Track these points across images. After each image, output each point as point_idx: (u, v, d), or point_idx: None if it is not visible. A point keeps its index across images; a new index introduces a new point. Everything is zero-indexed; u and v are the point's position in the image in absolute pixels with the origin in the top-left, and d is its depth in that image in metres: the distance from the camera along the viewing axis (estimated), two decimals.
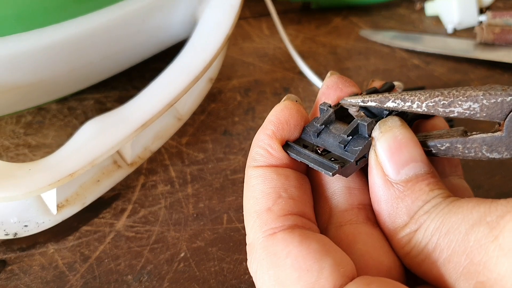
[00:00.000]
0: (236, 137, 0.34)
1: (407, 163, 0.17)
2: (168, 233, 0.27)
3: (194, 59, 0.31)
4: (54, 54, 0.28)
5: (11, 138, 0.33)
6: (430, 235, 0.16)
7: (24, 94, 0.29)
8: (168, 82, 0.29)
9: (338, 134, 0.19)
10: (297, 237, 0.16)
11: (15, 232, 0.26)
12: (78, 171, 0.25)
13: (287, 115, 0.19)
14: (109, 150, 0.26)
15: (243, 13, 0.51)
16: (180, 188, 0.30)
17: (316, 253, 0.16)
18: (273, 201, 0.17)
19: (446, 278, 0.15)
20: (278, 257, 0.16)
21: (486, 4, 0.49)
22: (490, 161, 0.32)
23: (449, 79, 0.41)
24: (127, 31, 0.31)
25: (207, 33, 0.32)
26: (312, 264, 0.15)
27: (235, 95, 0.38)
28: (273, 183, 0.18)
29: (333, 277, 0.15)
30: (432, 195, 0.17)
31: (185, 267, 0.26)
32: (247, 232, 0.18)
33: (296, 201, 0.18)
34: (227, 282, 0.25)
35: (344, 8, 0.52)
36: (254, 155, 0.19)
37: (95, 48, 0.31)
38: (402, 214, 0.17)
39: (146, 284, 0.25)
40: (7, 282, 0.25)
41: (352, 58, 0.44)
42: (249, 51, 0.44)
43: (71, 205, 0.27)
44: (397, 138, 0.18)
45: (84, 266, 0.26)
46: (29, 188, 0.24)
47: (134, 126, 0.27)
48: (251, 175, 0.18)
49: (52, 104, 0.36)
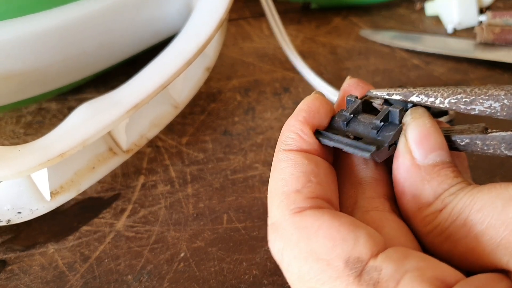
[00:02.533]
0: (236, 137, 0.34)
1: (434, 150, 0.18)
2: (168, 233, 0.27)
3: (187, 42, 0.31)
4: (47, 41, 0.28)
5: (11, 138, 0.33)
6: (459, 213, 0.17)
7: (19, 83, 0.29)
8: (161, 65, 0.29)
9: (367, 122, 0.20)
10: (326, 214, 0.17)
11: (8, 218, 0.25)
12: (69, 151, 0.24)
13: (318, 104, 0.20)
14: (101, 130, 0.25)
15: (243, 13, 0.51)
16: (180, 188, 0.30)
17: (349, 225, 0.16)
18: (302, 184, 0.18)
19: (479, 251, 0.16)
20: (309, 230, 0.16)
21: (486, 4, 0.49)
22: (490, 161, 0.32)
23: (449, 79, 0.41)
24: (121, 19, 0.31)
25: (201, 18, 0.32)
26: (346, 234, 0.16)
27: (235, 95, 0.38)
28: (303, 168, 0.18)
29: (370, 244, 0.16)
30: (456, 180, 0.18)
31: (185, 267, 0.26)
32: (271, 211, 0.18)
33: (324, 187, 0.18)
34: (227, 282, 0.25)
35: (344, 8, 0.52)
36: (285, 139, 0.19)
37: (89, 36, 0.30)
38: (427, 195, 0.18)
39: (146, 284, 0.25)
40: (7, 282, 0.25)
41: (352, 58, 0.44)
42: (249, 51, 0.44)
43: (66, 192, 0.27)
44: (427, 126, 0.19)
45: (84, 266, 0.26)
46: (19, 168, 0.23)
47: (127, 108, 0.26)
48: (281, 158, 0.19)
49: (52, 104, 0.36)
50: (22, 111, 0.36)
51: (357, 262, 0.15)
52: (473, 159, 0.32)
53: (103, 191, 0.30)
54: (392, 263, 0.15)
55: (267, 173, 0.31)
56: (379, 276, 0.15)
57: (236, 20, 0.50)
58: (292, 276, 0.17)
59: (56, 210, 0.29)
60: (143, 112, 0.31)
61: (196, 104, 0.37)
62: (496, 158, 0.32)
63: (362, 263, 0.15)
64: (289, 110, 0.37)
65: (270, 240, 0.18)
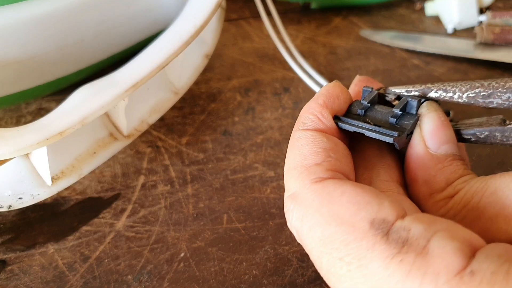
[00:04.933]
0: (236, 137, 0.34)
1: (447, 142, 0.19)
2: (168, 233, 0.27)
3: (185, 24, 0.31)
4: (44, 27, 0.28)
5: None
6: (471, 197, 0.17)
7: (15, 72, 0.29)
8: (159, 47, 0.29)
9: (384, 111, 0.20)
10: (349, 182, 0.17)
11: (9, 204, 0.25)
12: (68, 129, 0.24)
13: (338, 90, 0.20)
14: (100, 109, 0.25)
15: (243, 13, 0.51)
16: (180, 188, 0.30)
17: (372, 192, 0.16)
18: (322, 159, 0.18)
19: (494, 230, 0.16)
20: (331, 195, 0.16)
21: (486, 4, 0.49)
22: (490, 161, 0.32)
23: (449, 79, 0.41)
24: (118, 7, 0.32)
25: (198, 2, 0.33)
26: (371, 199, 0.16)
27: (235, 95, 0.38)
28: (323, 144, 0.18)
29: (395, 207, 0.16)
30: (467, 172, 0.19)
31: (185, 267, 0.26)
32: (289, 184, 0.18)
33: (343, 163, 0.18)
34: (227, 282, 0.25)
35: (344, 8, 0.52)
36: (304, 120, 0.20)
37: (85, 23, 0.30)
38: (439, 182, 0.18)
39: (146, 284, 0.25)
40: (7, 282, 0.25)
41: (352, 58, 0.44)
42: (249, 51, 0.44)
43: (67, 177, 0.27)
44: (441, 119, 0.19)
45: (84, 266, 0.26)
46: (18, 146, 0.23)
47: (124, 87, 0.26)
48: (300, 136, 0.19)
49: (52, 104, 0.36)
50: (22, 111, 0.36)
51: (383, 223, 0.15)
52: (473, 158, 0.32)
53: (103, 191, 0.30)
54: (421, 224, 0.15)
55: (267, 173, 0.31)
56: (408, 234, 0.15)
57: (236, 20, 0.50)
58: (313, 241, 0.16)
59: (56, 210, 0.29)
60: (143, 97, 0.31)
61: (196, 104, 0.37)
62: (496, 157, 0.32)
63: (388, 223, 0.15)
64: (289, 110, 0.37)
65: (287, 210, 0.18)
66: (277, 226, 0.28)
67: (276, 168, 0.32)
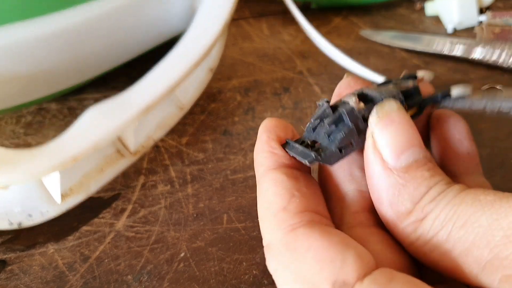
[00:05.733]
0: (236, 137, 0.34)
1: (407, 149, 0.17)
2: (168, 233, 0.27)
3: (193, 45, 0.31)
4: (55, 43, 0.28)
5: (11, 138, 0.33)
6: (441, 226, 0.15)
7: (24, 86, 0.29)
8: (168, 68, 0.29)
9: (326, 127, 0.19)
10: (317, 231, 0.16)
11: (20, 221, 0.25)
12: (81, 154, 0.24)
13: (273, 121, 0.20)
14: (112, 133, 0.25)
15: (243, 13, 0.51)
16: (180, 188, 0.30)
17: (338, 245, 0.16)
18: (287, 201, 0.17)
19: (464, 271, 0.15)
20: (298, 251, 0.16)
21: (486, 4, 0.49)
22: (490, 161, 0.32)
23: (449, 79, 0.41)
24: (126, 21, 0.31)
25: (205, 20, 0.33)
26: (334, 256, 0.15)
27: (235, 95, 0.38)
28: (284, 184, 0.18)
29: (357, 265, 0.15)
30: (434, 181, 0.16)
31: (185, 267, 0.26)
32: (264, 234, 0.18)
33: (309, 199, 0.18)
34: (227, 282, 0.25)
35: (344, 8, 0.52)
36: (259, 160, 0.19)
37: (95, 38, 0.30)
38: (405, 202, 0.16)
39: (146, 284, 0.25)
40: (7, 282, 0.25)
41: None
42: (249, 51, 0.44)
43: (75, 194, 0.27)
44: (395, 123, 0.17)
45: (84, 266, 0.26)
46: (32, 172, 0.23)
47: (136, 110, 0.26)
48: (261, 181, 0.18)
49: (52, 104, 0.36)
50: (22, 111, 0.36)
51: (343, 285, 0.15)
52: None
53: (103, 191, 0.30)
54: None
55: None
56: None
57: (236, 20, 0.50)
58: None
59: None
60: (150, 114, 0.31)
61: (196, 104, 0.37)
62: (496, 157, 0.32)
63: (348, 286, 0.15)
64: (289, 110, 0.37)
65: (266, 261, 0.17)
66: None
67: None
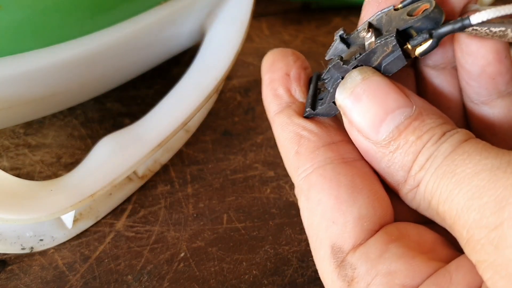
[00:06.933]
0: (236, 137, 0.34)
1: (384, 118, 0.16)
2: (168, 233, 0.27)
3: (205, 76, 0.31)
4: (69, 69, 0.28)
5: (11, 138, 0.33)
6: (431, 196, 0.15)
7: (34, 107, 0.29)
8: (180, 100, 0.30)
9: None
10: (328, 179, 0.16)
11: (32, 246, 0.26)
12: (98, 191, 0.25)
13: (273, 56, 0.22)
14: (128, 170, 0.26)
15: None
16: (180, 188, 0.30)
17: (343, 203, 0.16)
18: (297, 144, 0.17)
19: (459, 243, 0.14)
20: (311, 202, 0.17)
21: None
22: None
23: None
24: (140, 45, 0.32)
25: (216, 49, 0.32)
26: (337, 217, 0.16)
27: (235, 95, 0.38)
28: (290, 127, 0.18)
29: (356, 231, 0.16)
30: (421, 142, 0.15)
31: (185, 267, 0.26)
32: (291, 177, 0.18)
33: (320, 134, 0.18)
34: (227, 282, 0.25)
35: (344, 8, 0.52)
36: (266, 106, 0.19)
37: (109, 62, 0.31)
38: (398, 171, 0.16)
39: (146, 284, 0.25)
40: (7, 282, 0.25)
41: None
42: (249, 51, 0.44)
43: (85, 219, 0.27)
44: (363, 96, 0.16)
45: (84, 266, 0.26)
46: (52, 210, 0.24)
47: (151, 146, 0.27)
48: (273, 128, 0.19)
49: None
50: None
51: (339, 252, 0.16)
52: None
53: None
54: (366, 263, 0.15)
55: (267, 173, 0.31)
56: (353, 273, 0.15)
57: None
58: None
59: None
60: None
61: None
62: None
63: (343, 253, 0.15)
64: None
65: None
66: (277, 226, 0.28)
67: (276, 168, 0.32)
